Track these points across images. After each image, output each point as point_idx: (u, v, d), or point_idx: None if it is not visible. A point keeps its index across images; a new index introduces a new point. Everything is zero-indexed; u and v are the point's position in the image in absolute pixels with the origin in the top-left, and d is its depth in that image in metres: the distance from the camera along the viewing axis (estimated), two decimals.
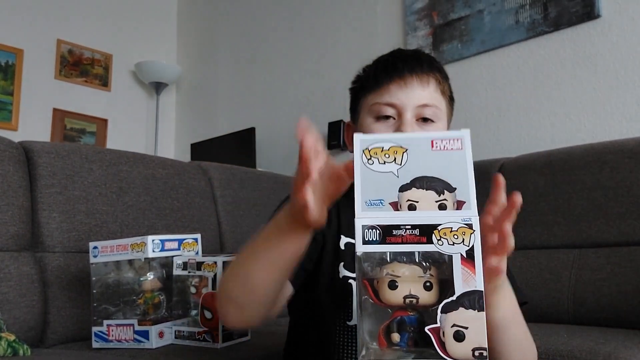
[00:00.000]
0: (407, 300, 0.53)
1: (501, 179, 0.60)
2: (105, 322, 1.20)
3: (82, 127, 3.14)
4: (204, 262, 1.15)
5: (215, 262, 1.13)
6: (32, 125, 2.92)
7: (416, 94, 0.87)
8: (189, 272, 1.16)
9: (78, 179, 1.46)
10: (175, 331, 1.19)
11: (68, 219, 1.41)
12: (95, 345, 1.21)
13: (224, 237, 1.80)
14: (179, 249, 1.23)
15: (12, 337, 1.09)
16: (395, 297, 0.54)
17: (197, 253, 1.25)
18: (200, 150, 3.06)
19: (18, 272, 1.29)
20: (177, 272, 1.18)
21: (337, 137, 2.46)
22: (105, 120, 3.23)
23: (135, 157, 1.63)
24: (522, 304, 0.85)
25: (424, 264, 0.54)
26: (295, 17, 2.90)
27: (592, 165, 1.53)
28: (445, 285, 0.53)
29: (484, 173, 1.75)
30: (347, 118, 0.98)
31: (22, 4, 2.96)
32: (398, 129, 0.87)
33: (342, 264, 0.89)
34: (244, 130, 2.85)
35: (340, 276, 0.88)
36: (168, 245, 1.21)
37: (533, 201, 1.61)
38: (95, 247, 1.23)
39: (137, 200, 1.57)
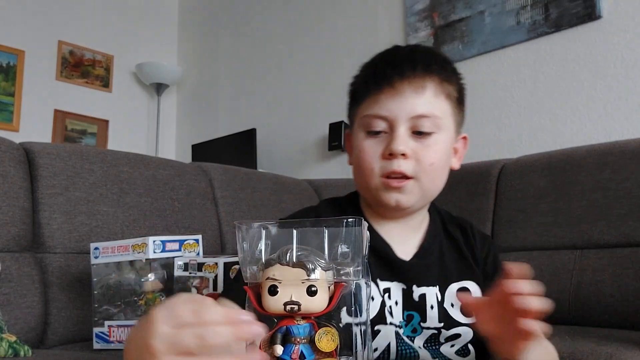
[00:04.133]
0: (288, 307, 0.48)
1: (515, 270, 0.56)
2: (106, 323, 1.20)
3: (83, 128, 3.14)
4: (204, 263, 1.15)
5: (216, 263, 1.13)
6: (33, 127, 2.92)
7: (409, 103, 0.75)
8: (190, 273, 1.16)
9: (79, 180, 1.46)
10: None
11: (69, 220, 1.42)
12: (96, 346, 1.21)
13: (225, 238, 1.80)
14: (179, 250, 1.23)
15: (13, 338, 1.09)
16: (275, 303, 0.48)
17: (198, 254, 1.25)
18: (201, 151, 3.06)
19: (19, 273, 1.30)
20: (178, 273, 1.18)
21: (338, 138, 2.46)
22: (106, 121, 3.23)
23: (136, 158, 1.63)
24: None
25: (309, 265, 0.48)
26: (296, 19, 2.90)
27: (593, 166, 1.53)
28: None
29: (485, 174, 1.77)
30: (347, 119, 0.96)
31: (23, 5, 2.97)
32: (388, 145, 0.75)
33: None
34: (244, 131, 2.85)
35: None
36: (169, 246, 1.21)
37: (534, 202, 1.61)
38: (96, 248, 1.23)
39: (138, 201, 1.57)
